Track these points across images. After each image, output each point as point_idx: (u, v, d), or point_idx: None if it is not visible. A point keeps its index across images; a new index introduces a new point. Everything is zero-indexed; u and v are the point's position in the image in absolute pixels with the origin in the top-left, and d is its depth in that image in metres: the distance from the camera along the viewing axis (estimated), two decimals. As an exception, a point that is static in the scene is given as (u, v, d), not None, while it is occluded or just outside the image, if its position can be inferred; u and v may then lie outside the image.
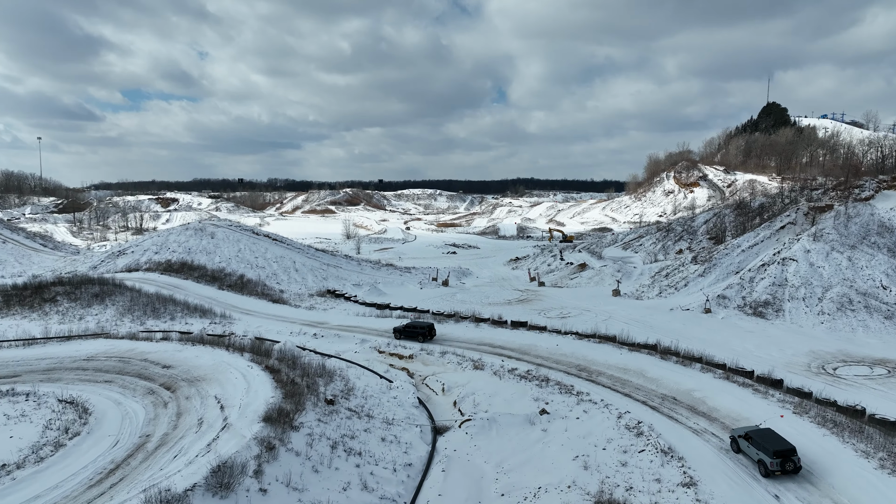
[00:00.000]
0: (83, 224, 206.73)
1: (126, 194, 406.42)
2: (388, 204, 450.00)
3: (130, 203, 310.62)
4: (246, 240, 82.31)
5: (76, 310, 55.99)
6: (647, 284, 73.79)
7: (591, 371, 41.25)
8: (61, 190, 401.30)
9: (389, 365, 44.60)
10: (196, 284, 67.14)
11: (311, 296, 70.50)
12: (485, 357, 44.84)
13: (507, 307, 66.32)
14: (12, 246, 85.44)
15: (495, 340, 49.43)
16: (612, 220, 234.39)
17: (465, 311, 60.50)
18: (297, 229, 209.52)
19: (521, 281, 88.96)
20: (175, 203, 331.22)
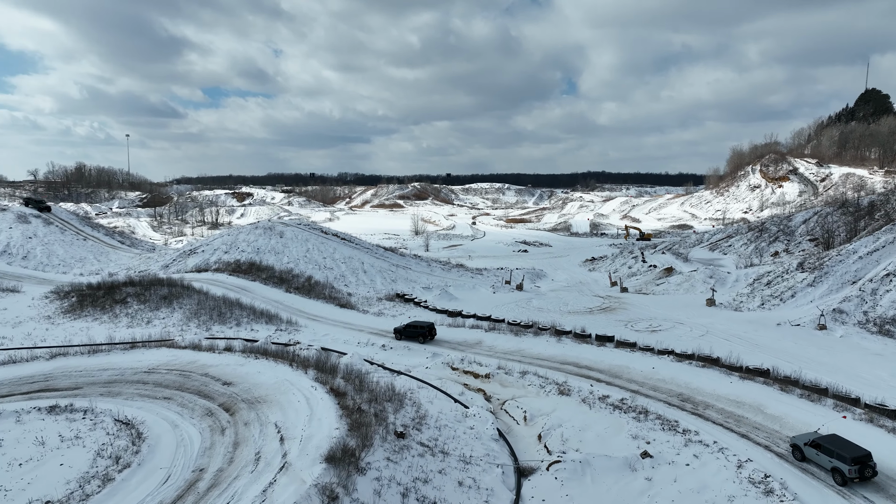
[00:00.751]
0: (163, 218, 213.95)
1: (205, 189, 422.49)
2: (455, 198, 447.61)
3: (208, 198, 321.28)
4: (314, 239, 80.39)
5: (144, 312, 54.97)
6: (745, 293, 66.51)
7: (696, 403, 35.76)
8: (146, 184, 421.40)
9: (464, 385, 40.56)
10: (263, 287, 65.40)
11: (380, 300, 67.48)
12: (571, 380, 40.04)
13: (588, 317, 61.04)
14: (92, 243, 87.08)
15: (581, 359, 44.50)
16: (691, 217, 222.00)
17: (545, 322, 55.72)
18: (366, 225, 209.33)
19: (600, 285, 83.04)
20: (250, 198, 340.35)
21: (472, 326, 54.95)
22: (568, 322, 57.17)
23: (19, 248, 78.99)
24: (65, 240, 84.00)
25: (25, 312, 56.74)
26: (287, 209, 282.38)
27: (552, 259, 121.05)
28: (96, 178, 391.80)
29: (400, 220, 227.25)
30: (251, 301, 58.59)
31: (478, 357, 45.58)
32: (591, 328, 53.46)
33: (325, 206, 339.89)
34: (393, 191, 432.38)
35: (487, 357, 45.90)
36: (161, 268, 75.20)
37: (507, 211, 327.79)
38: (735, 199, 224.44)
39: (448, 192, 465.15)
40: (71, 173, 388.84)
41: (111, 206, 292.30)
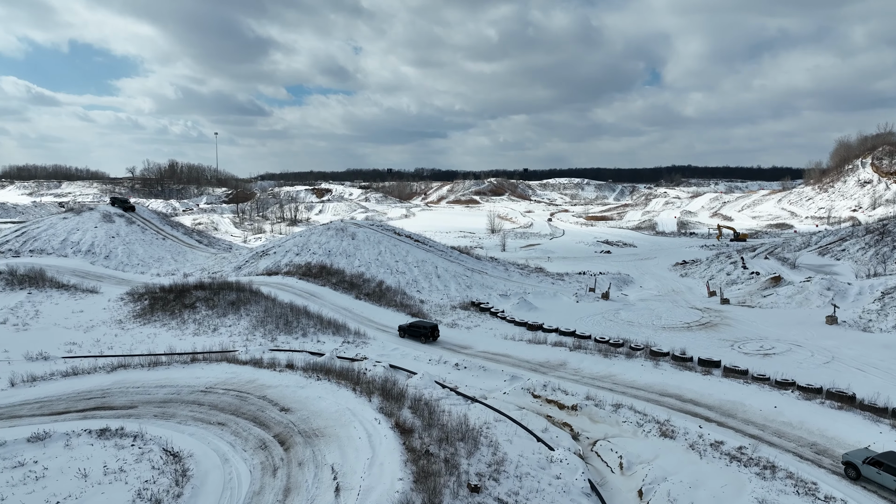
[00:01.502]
0: (245, 215, 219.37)
1: (286, 185, 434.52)
2: (532, 194, 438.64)
3: (289, 194, 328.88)
4: (387, 241, 77.25)
5: (212, 319, 53.22)
6: (873, 310, 57.54)
7: (836, 458, 29.17)
8: (232, 181, 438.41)
9: (547, 417, 35.55)
10: (333, 292, 62.65)
11: (454, 308, 63.24)
12: (674, 417, 34.19)
13: (686, 334, 54.36)
14: (171, 242, 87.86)
15: (683, 390, 38.42)
16: (790, 215, 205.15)
17: (637, 340, 49.68)
18: (441, 222, 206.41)
19: (695, 295, 75.35)
20: (328, 194, 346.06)
21: (554, 343, 49.68)
22: (664, 340, 50.89)
23: (102, 247, 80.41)
24: (145, 239, 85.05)
25: (99, 316, 56.35)
26: (364, 205, 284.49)
27: (638, 262, 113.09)
28: (187, 174, 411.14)
29: (476, 218, 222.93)
30: (319, 309, 55.78)
31: (562, 383, 40.37)
32: (691, 349, 47.07)
33: (401, 202, 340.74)
34: (469, 186, 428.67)
35: (573, 383, 40.63)
36: (234, 269, 74.22)
37: (587, 207, 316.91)
38: (842, 196, 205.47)
39: (525, 188, 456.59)
40: (164, 170, 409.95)
41: (198, 203, 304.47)
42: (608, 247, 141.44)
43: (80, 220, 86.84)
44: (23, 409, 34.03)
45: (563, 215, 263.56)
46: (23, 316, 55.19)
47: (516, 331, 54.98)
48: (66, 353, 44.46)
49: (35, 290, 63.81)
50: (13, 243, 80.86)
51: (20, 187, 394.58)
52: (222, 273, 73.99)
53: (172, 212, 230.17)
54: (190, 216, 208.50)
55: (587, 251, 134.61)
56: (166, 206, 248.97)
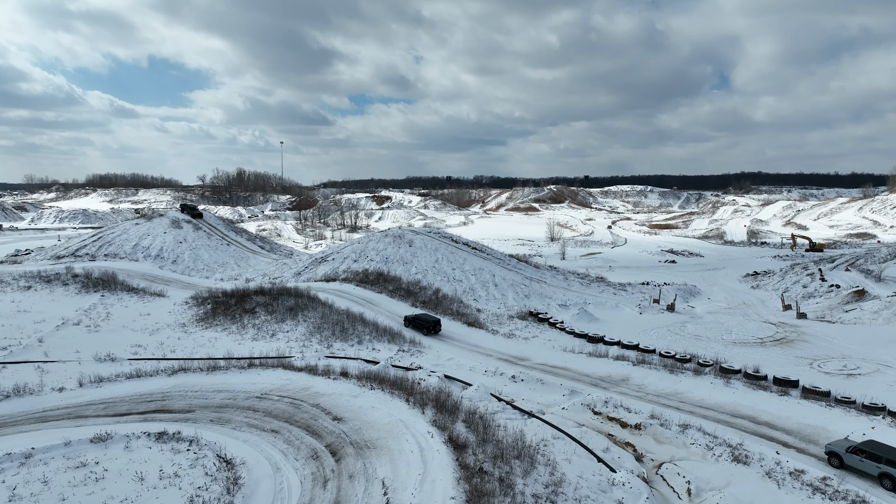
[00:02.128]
0: (307, 221, 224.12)
1: (348, 192, 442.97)
2: (593, 201, 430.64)
3: (350, 201, 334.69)
4: (444, 249, 76.61)
5: (270, 324, 53.80)
6: (973, 329, 52.54)
7: (937, 495, 26.22)
8: (296, 188, 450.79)
9: (608, 436, 33.72)
10: (389, 300, 62.41)
11: (511, 318, 61.78)
12: (748, 441, 31.74)
13: (760, 350, 51.08)
14: (235, 248, 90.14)
15: (758, 411, 35.77)
16: (873, 224, 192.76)
17: (705, 355, 46.95)
18: (500, 229, 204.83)
19: (768, 308, 71.13)
20: (388, 201, 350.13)
21: (616, 357, 47.55)
22: (734, 356, 47.95)
23: (170, 252, 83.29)
24: (210, 245, 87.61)
25: (164, 319, 57.96)
26: (422, 212, 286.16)
27: (705, 272, 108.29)
28: (253, 182, 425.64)
29: (534, 226, 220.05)
30: (375, 316, 55.54)
31: (625, 399, 38.39)
32: (765, 366, 44.07)
33: (459, 210, 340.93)
34: (528, 194, 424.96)
35: (637, 400, 38.58)
36: (293, 275, 75.27)
37: (650, 215, 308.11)
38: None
39: (586, 195, 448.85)
40: (232, 178, 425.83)
41: (263, 209, 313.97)
42: (673, 256, 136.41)
43: (150, 226, 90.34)
44: (88, 410, 34.96)
45: (625, 223, 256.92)
46: (95, 318, 57.36)
47: (576, 343, 53.06)
48: (132, 356, 45.70)
49: (107, 292, 66.48)
50: (90, 247, 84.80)
51: (101, 194, 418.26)
52: (282, 278, 75.15)
53: (238, 218, 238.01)
54: (255, 222, 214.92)
55: (650, 260, 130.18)
56: (233, 213, 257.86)
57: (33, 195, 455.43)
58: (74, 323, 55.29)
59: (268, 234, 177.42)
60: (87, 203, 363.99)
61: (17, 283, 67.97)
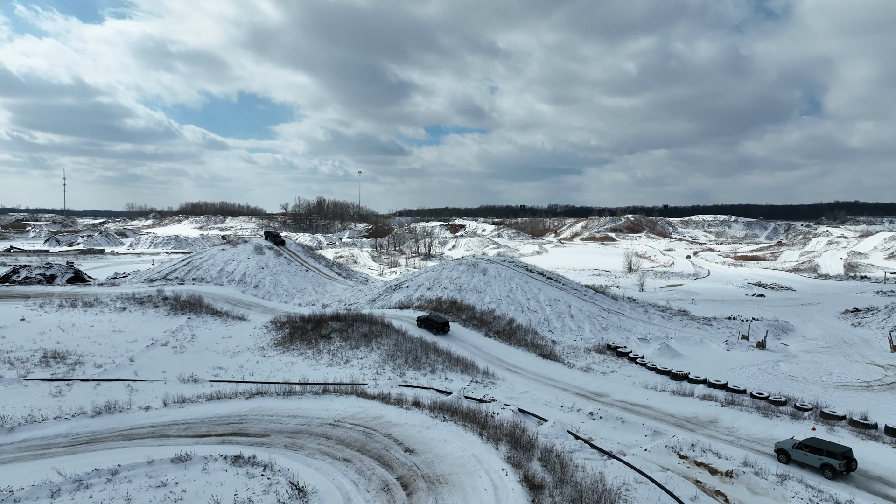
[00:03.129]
0: (382, 249, 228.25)
1: (422, 220, 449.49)
2: (673, 231, 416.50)
3: (424, 229, 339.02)
4: (518, 278, 75.43)
5: (345, 350, 54.25)
6: None
7: None
8: (372, 217, 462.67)
9: (696, 483, 31.32)
10: (463, 329, 61.75)
11: (588, 351, 59.62)
12: (858, 498, 28.63)
13: (866, 395, 46.70)
14: (313, 274, 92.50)
15: (869, 465, 32.34)
16: None
17: (803, 399, 43.30)
18: (575, 259, 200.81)
19: (873, 348, 65.32)
20: (462, 229, 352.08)
21: (702, 396, 44.64)
22: (837, 401, 44.02)
23: (252, 277, 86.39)
24: (290, 270, 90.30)
25: (245, 342, 59.68)
26: (496, 241, 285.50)
27: (798, 308, 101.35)
28: (332, 210, 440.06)
29: (611, 257, 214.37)
30: (448, 345, 55.00)
31: (714, 443, 35.74)
32: (875, 413, 40.14)
33: (533, 239, 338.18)
34: (604, 223, 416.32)
35: (727, 444, 35.86)
36: (368, 301, 76.13)
37: (735, 246, 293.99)
38: None
39: (665, 225, 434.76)
40: (312, 206, 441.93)
41: (341, 237, 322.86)
42: (761, 290, 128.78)
43: (235, 252, 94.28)
44: (171, 430, 36.01)
45: (707, 254, 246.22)
46: (181, 339, 59.81)
47: (658, 379, 50.37)
48: (213, 377, 47.09)
49: (194, 315, 69.40)
50: (180, 272, 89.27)
51: (192, 221, 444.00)
52: (357, 305, 76.14)
53: (318, 245, 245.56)
54: (333, 249, 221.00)
55: (736, 294, 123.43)
56: (312, 240, 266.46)
57: (133, 222, 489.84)
58: (162, 344, 57.81)
59: (344, 260, 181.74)
60: (180, 230, 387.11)
61: (115, 305, 72.13)
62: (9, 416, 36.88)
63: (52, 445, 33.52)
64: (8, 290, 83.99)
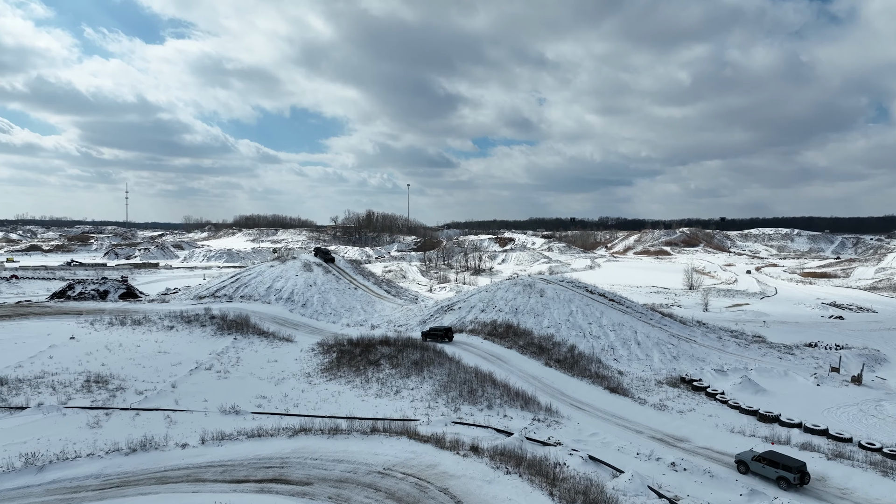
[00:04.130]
0: (431, 263, 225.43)
1: (471, 233, 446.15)
2: (731, 245, 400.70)
3: (473, 242, 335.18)
4: (578, 300, 70.48)
5: (395, 380, 50.68)
6: None
7: None
8: (420, 229, 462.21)
9: (812, 563, 26.13)
10: (520, 357, 57.38)
11: (660, 384, 54.24)
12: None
13: None
14: (361, 292, 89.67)
15: None
16: None
17: (923, 452, 37.15)
18: (631, 276, 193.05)
19: None
20: (511, 243, 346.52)
21: (800, 445, 38.96)
22: (964, 455, 37.56)
23: (300, 295, 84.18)
24: (338, 288, 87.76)
25: (290, 367, 56.95)
26: (546, 255, 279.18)
27: (884, 332, 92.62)
28: (381, 223, 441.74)
29: (669, 273, 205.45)
30: (506, 377, 50.70)
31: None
32: None
33: (585, 252, 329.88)
34: (658, 236, 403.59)
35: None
36: (419, 323, 72.54)
37: (800, 261, 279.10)
38: None
39: (722, 238, 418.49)
40: (362, 219, 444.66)
41: (389, 250, 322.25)
42: (839, 311, 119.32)
43: (283, 269, 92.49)
44: (207, 473, 33.02)
45: (770, 270, 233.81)
46: (226, 363, 57.50)
47: (744, 421, 44.78)
48: (256, 408, 44.25)
49: (240, 335, 67.32)
50: (228, 289, 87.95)
51: (246, 234, 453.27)
52: (407, 326, 72.72)
53: (366, 259, 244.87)
54: (381, 263, 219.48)
55: (811, 315, 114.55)
56: (361, 254, 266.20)
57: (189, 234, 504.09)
58: (206, 368, 55.57)
59: (393, 275, 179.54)
60: (233, 242, 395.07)
61: (162, 323, 70.85)
62: (42, 451, 34.66)
63: (81, 488, 30.98)
64: (62, 305, 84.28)
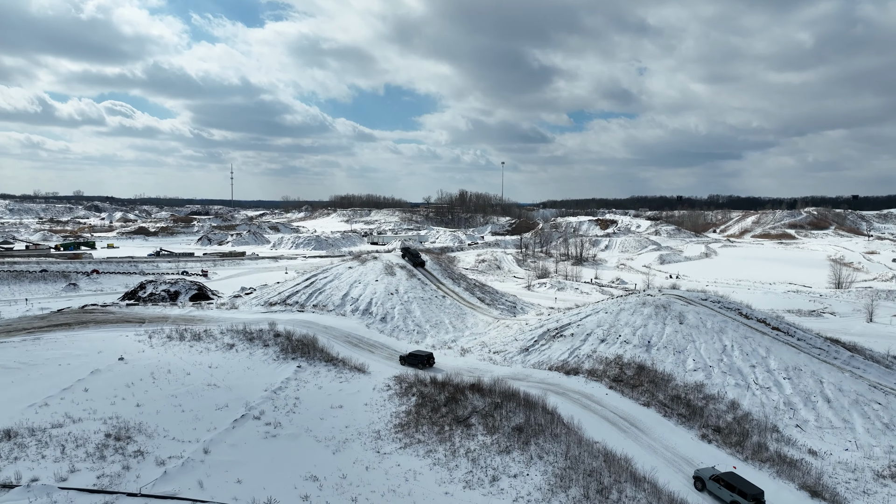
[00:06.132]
0: (528, 250, 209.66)
1: (567, 213, 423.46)
2: (868, 227, 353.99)
3: (571, 225, 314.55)
4: (732, 330, 53.35)
5: (490, 455, 37.01)
6: None
7: None
8: (515, 209, 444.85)
9: None
10: (662, 421, 41.85)
11: (881, 478, 36.99)
12: None
13: None
14: (451, 301, 76.37)
15: None
16: None
17: None
18: (757, 269, 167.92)
19: None
20: (613, 225, 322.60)
21: None
22: None
23: (379, 306, 72.20)
24: (424, 297, 74.99)
25: (358, 418, 44.84)
26: (654, 240, 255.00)
27: None
28: (474, 203, 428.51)
29: (802, 265, 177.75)
30: (650, 465, 35.52)
31: None
32: None
33: (696, 237, 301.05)
34: (780, 217, 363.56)
35: None
36: (519, 352, 58.21)
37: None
38: None
39: (856, 219, 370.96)
40: (455, 199, 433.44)
41: (483, 234, 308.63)
42: None
43: (363, 272, 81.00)
44: None
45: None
46: (280, 407, 46.34)
47: None
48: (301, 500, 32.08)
49: (305, 362, 56.35)
50: (301, 295, 77.72)
51: (340, 214, 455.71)
52: (505, 354, 58.75)
53: (458, 245, 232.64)
54: (474, 251, 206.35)
55: None
56: (453, 239, 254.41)
57: (287, 214, 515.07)
58: (255, 416, 44.46)
59: (487, 265, 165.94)
60: (327, 223, 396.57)
61: (223, 339, 61.49)
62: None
63: None
64: (125, 312, 77.33)
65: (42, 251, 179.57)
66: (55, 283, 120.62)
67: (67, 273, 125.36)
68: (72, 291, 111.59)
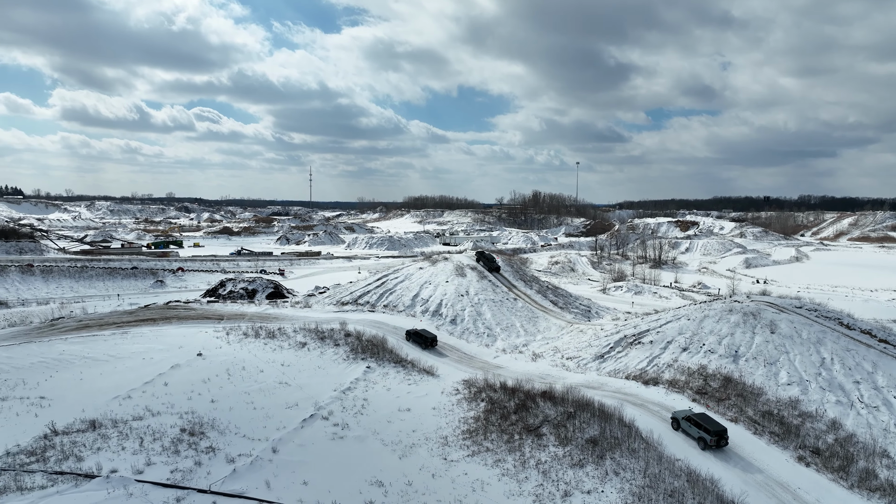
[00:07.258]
0: (603, 252, 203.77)
1: (645, 215, 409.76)
2: None
3: (649, 226, 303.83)
4: (831, 341, 48.69)
5: (562, 469, 35.09)
6: None
7: None
8: (590, 209, 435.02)
9: None
10: (752, 439, 38.38)
11: None
12: None
13: None
14: (522, 304, 74.41)
15: None
16: None
17: None
18: (857, 275, 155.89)
19: None
20: (694, 227, 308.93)
21: None
22: None
23: (449, 307, 71.27)
24: (495, 299, 73.46)
25: (425, 422, 43.95)
26: (739, 242, 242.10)
27: None
28: (548, 204, 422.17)
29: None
30: (739, 491, 32.47)
31: None
32: None
33: (786, 239, 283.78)
34: (882, 219, 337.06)
35: None
36: (593, 359, 55.64)
37: None
38: None
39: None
40: (528, 200, 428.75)
41: (556, 235, 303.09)
42: None
43: (433, 272, 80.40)
44: None
45: None
46: (348, 407, 46.15)
47: None
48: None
49: (374, 363, 56.14)
50: (372, 295, 77.98)
51: (413, 215, 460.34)
52: (579, 360, 56.35)
53: (531, 246, 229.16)
54: (547, 252, 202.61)
55: None
56: (525, 241, 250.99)
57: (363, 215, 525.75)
58: (324, 416, 44.43)
59: (560, 267, 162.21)
60: (401, 224, 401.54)
61: (295, 338, 62.35)
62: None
63: None
64: (206, 308, 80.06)
65: (135, 249, 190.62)
66: (144, 279, 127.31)
67: (155, 270, 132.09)
68: (158, 288, 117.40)
